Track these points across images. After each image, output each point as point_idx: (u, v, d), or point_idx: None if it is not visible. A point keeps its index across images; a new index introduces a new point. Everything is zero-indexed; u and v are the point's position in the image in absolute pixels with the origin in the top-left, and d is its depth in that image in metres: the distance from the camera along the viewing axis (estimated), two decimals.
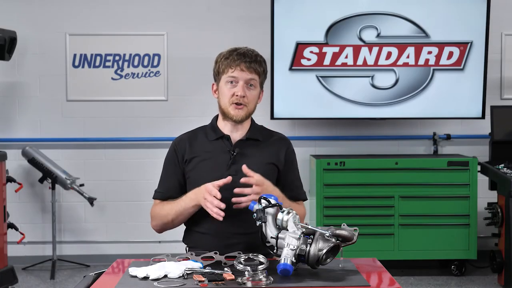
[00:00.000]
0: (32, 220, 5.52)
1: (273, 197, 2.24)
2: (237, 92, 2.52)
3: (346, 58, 5.22)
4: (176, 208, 2.52)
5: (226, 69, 2.54)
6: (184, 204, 2.49)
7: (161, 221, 2.58)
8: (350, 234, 2.18)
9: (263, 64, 2.59)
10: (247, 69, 2.52)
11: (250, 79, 2.54)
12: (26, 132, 5.50)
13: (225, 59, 2.55)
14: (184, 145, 2.63)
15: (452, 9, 5.23)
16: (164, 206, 2.58)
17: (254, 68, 2.53)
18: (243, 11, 5.49)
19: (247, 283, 2.00)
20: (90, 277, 2.20)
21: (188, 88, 5.49)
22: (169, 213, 2.54)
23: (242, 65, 2.52)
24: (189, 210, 2.50)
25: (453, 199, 4.98)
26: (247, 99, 2.54)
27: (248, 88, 2.55)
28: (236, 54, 2.54)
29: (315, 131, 5.55)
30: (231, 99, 2.54)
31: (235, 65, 2.52)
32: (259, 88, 2.61)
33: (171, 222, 2.56)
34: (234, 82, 2.54)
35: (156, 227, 2.63)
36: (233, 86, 2.54)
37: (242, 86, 2.53)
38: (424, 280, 4.96)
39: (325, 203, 4.95)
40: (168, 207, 2.56)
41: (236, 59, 2.53)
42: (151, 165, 5.36)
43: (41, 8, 5.47)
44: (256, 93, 2.59)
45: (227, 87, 2.55)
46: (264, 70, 2.60)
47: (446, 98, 5.28)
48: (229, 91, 2.54)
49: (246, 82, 2.54)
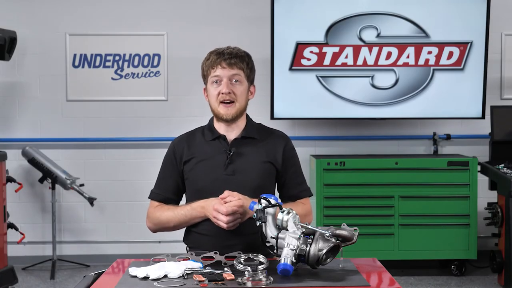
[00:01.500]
0: (32, 220, 5.52)
1: (273, 197, 2.24)
2: (222, 90, 2.54)
3: (346, 58, 5.22)
4: (179, 217, 2.53)
5: (209, 70, 2.57)
6: (190, 215, 2.51)
7: (161, 226, 2.60)
8: (350, 234, 2.18)
9: (245, 59, 2.59)
10: (228, 65, 2.54)
11: (233, 75, 2.55)
12: (26, 132, 5.50)
13: (206, 60, 2.59)
14: (182, 145, 2.63)
15: (452, 9, 5.23)
16: (165, 212, 2.57)
17: (235, 63, 2.54)
18: (243, 11, 5.49)
19: (247, 283, 2.00)
20: (90, 277, 2.20)
21: (188, 88, 5.49)
22: (171, 220, 2.55)
23: (222, 63, 2.54)
24: (196, 220, 2.53)
25: (453, 199, 4.98)
26: (234, 95, 2.55)
27: (233, 84, 2.55)
28: (215, 53, 2.57)
29: (315, 131, 5.55)
30: (218, 98, 2.56)
31: (215, 64, 2.54)
32: (247, 82, 2.60)
33: (171, 228, 2.59)
34: (219, 81, 2.55)
35: (151, 228, 2.64)
36: (218, 85, 2.56)
37: (226, 83, 2.54)
38: (424, 280, 4.96)
39: (325, 203, 4.95)
40: (170, 214, 2.56)
41: (216, 59, 2.55)
42: (151, 165, 5.33)
43: (41, 8, 5.47)
44: (244, 88, 2.58)
45: (213, 87, 2.57)
46: (248, 64, 2.60)
47: (446, 98, 5.28)
48: (215, 91, 2.56)
49: (229, 78, 2.55)
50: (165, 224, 2.58)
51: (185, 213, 2.52)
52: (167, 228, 2.59)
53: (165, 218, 2.57)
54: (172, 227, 2.58)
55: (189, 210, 2.52)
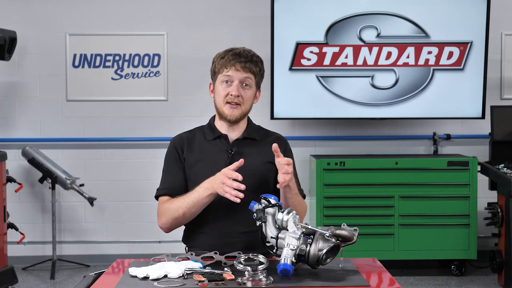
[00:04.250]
0: (32, 220, 5.52)
1: (273, 197, 2.24)
2: (231, 91, 2.53)
3: (346, 58, 5.22)
4: (188, 201, 2.44)
5: (221, 69, 2.55)
6: (198, 194, 2.42)
7: (171, 217, 2.49)
8: (350, 234, 2.18)
9: (259, 64, 2.59)
10: (242, 68, 2.53)
11: (245, 78, 2.54)
12: (26, 132, 5.50)
13: (220, 58, 2.56)
14: (182, 143, 2.62)
15: (452, 9, 5.23)
16: (174, 202, 2.50)
17: (249, 67, 2.54)
18: (243, 11, 5.49)
19: (247, 283, 2.00)
20: (90, 277, 2.20)
21: (188, 88, 5.49)
22: (180, 206, 2.46)
23: (237, 65, 2.52)
24: (204, 201, 2.43)
25: (453, 199, 4.98)
26: (242, 98, 2.54)
27: (243, 88, 2.55)
28: (232, 54, 2.55)
29: (315, 131, 5.55)
30: (225, 99, 2.55)
31: (230, 64, 2.53)
32: (255, 88, 2.60)
33: (182, 217, 2.48)
34: (229, 82, 2.54)
35: (164, 225, 2.54)
36: (228, 85, 2.54)
37: (236, 86, 2.53)
38: (424, 280, 4.96)
39: (325, 203, 4.95)
40: (179, 201, 2.48)
41: (231, 59, 2.53)
42: (151, 165, 5.37)
43: (41, 8, 5.47)
44: (251, 93, 2.58)
45: (222, 86, 2.55)
46: (261, 70, 2.60)
47: (446, 98, 5.28)
48: (224, 91, 2.55)
49: (241, 81, 2.54)
50: (175, 213, 2.47)
51: (193, 195, 2.44)
52: (178, 217, 2.48)
53: (175, 206, 2.47)
54: (182, 215, 2.47)
55: (197, 191, 2.43)
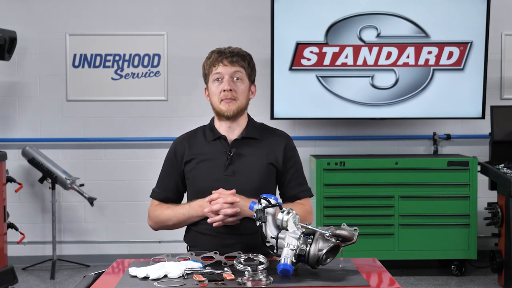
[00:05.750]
0: (32, 220, 5.52)
1: (273, 197, 2.24)
2: (223, 87, 2.56)
3: (346, 58, 5.22)
4: (178, 216, 2.56)
5: (210, 69, 2.60)
6: (189, 213, 2.54)
7: (161, 224, 2.63)
8: (350, 234, 2.18)
9: (247, 58, 2.62)
10: (229, 63, 2.56)
11: (234, 72, 2.57)
12: (26, 132, 5.50)
13: (207, 59, 2.62)
14: (183, 145, 2.65)
15: (452, 9, 5.23)
16: (165, 211, 2.60)
17: (236, 61, 2.57)
18: (243, 11, 5.49)
19: (247, 283, 2.00)
20: (90, 277, 2.20)
21: (188, 88, 5.49)
22: (171, 219, 2.58)
23: (224, 60, 2.56)
24: (193, 218, 2.55)
25: (453, 199, 4.98)
26: (235, 92, 2.57)
27: (235, 82, 2.58)
28: (217, 52, 2.60)
29: (315, 131, 5.55)
30: (220, 96, 2.57)
31: (217, 62, 2.57)
32: (248, 81, 2.62)
33: (171, 226, 2.62)
34: (220, 79, 2.57)
35: (153, 226, 2.68)
36: (220, 83, 2.58)
37: (228, 81, 2.56)
38: (424, 280, 4.96)
39: (325, 203, 4.95)
40: (170, 212, 2.59)
41: (217, 57, 2.58)
42: (151, 165, 5.36)
43: (41, 8, 5.47)
44: (245, 87, 2.60)
45: (215, 85, 2.59)
46: (250, 63, 2.63)
47: (446, 98, 5.28)
48: (217, 89, 2.58)
49: (231, 76, 2.57)
50: (165, 223, 2.61)
51: (183, 212, 2.55)
52: (167, 226, 2.62)
53: (165, 217, 2.59)
54: (172, 226, 2.61)
55: (188, 209, 2.55)
